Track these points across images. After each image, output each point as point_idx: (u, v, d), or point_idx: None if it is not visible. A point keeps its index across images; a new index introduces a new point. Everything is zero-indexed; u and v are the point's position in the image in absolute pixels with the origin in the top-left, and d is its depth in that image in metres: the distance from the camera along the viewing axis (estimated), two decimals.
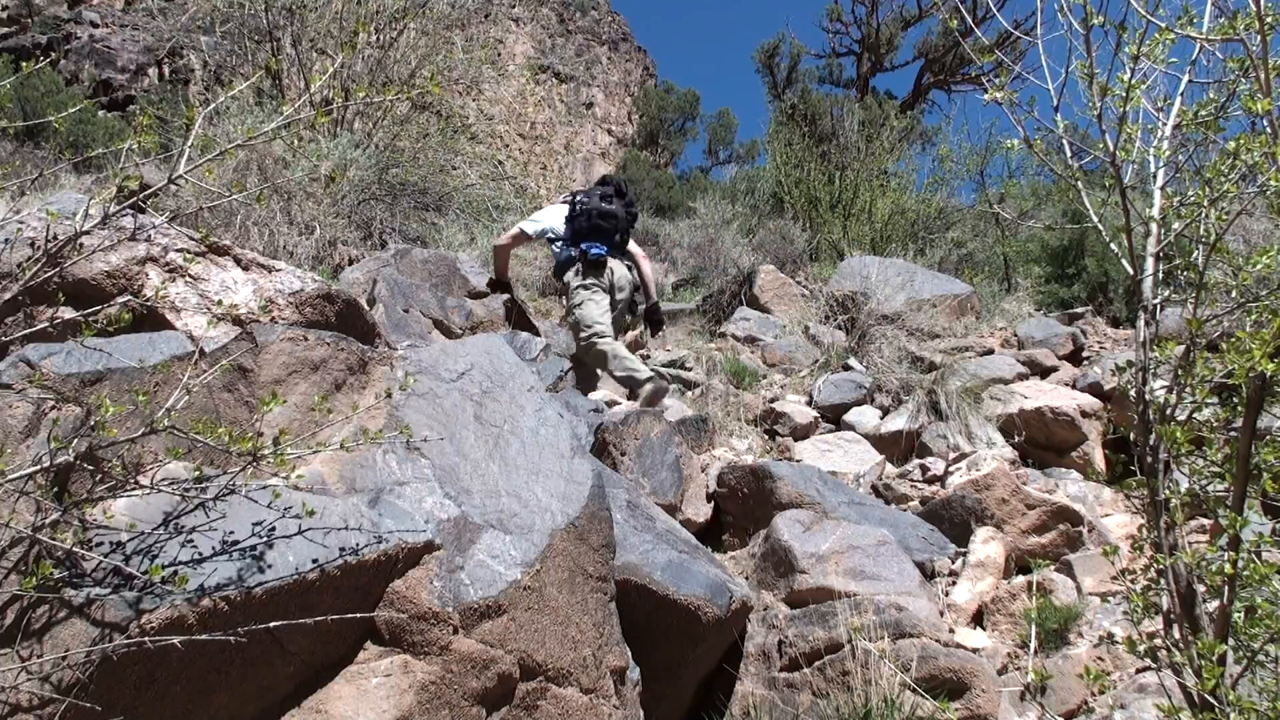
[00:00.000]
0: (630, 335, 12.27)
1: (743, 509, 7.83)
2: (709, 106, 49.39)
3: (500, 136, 28.40)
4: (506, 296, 10.80)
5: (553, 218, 10.41)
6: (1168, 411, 4.13)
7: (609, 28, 39.54)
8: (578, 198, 10.32)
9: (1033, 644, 6.50)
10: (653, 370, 9.68)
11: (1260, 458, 3.87)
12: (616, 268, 10.12)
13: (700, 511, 7.87)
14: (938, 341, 12.50)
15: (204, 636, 3.87)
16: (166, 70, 26.27)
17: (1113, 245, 4.51)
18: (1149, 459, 4.16)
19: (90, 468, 4.22)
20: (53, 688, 3.70)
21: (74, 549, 3.92)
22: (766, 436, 10.24)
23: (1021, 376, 11.68)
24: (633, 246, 10.60)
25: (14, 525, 3.89)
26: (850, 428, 10.42)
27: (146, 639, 3.80)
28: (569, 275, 10.03)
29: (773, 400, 10.90)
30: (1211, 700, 3.74)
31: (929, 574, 7.22)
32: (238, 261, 6.55)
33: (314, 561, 4.27)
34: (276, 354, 5.29)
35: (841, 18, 36.92)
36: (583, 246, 9.98)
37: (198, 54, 21.48)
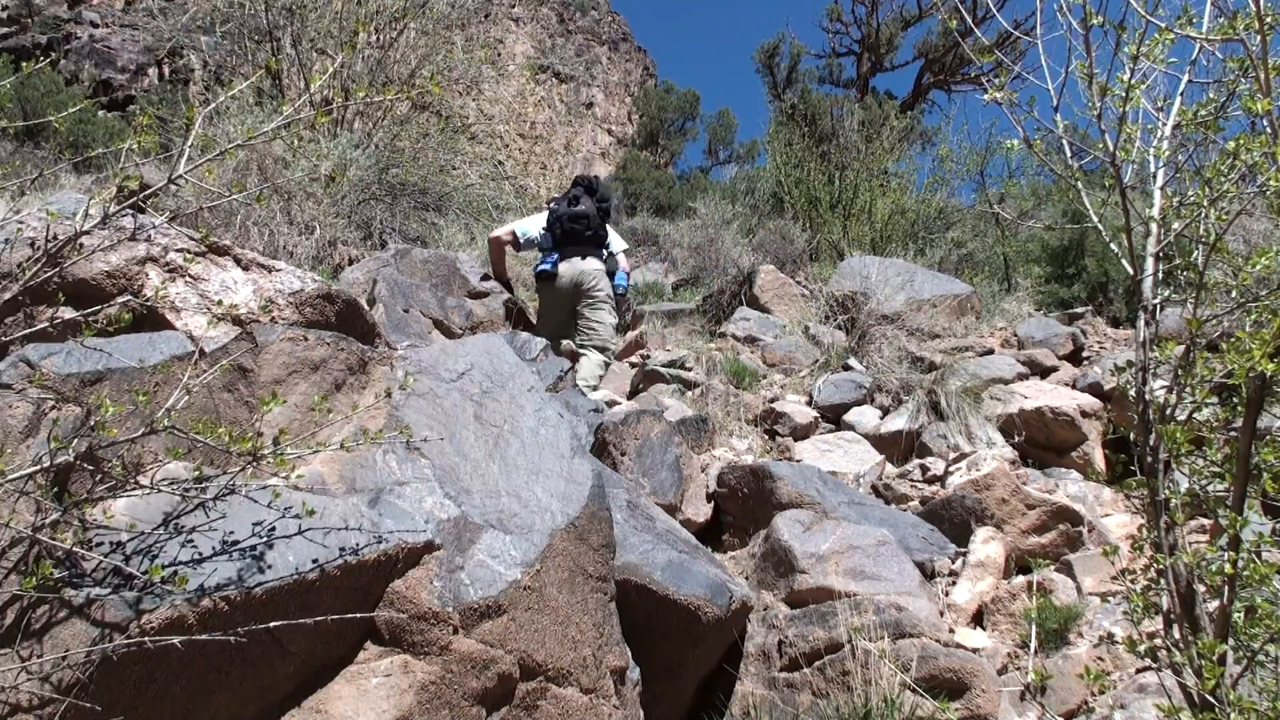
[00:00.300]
0: (630, 335, 12.42)
1: (743, 509, 7.83)
2: (709, 106, 49.48)
3: (500, 136, 28.36)
4: (507, 296, 10.95)
5: (538, 226, 10.81)
6: (1168, 411, 4.14)
7: (609, 28, 39.56)
8: (552, 205, 10.81)
9: (1033, 644, 6.51)
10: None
11: (1260, 458, 3.87)
12: (574, 269, 10.54)
13: (700, 511, 7.89)
14: (938, 341, 12.49)
15: (204, 636, 3.88)
16: (166, 70, 26.30)
17: (1113, 245, 4.52)
18: (1149, 459, 4.17)
19: (90, 468, 4.23)
20: (53, 688, 3.71)
21: (74, 549, 3.94)
22: (766, 436, 10.25)
23: (1021, 376, 11.70)
24: (620, 255, 10.99)
25: (14, 525, 3.90)
26: (850, 428, 10.43)
27: (146, 639, 3.81)
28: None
29: (773, 400, 10.92)
30: (1212, 700, 3.75)
31: (929, 574, 7.23)
32: (238, 261, 6.54)
33: (314, 561, 4.29)
34: (276, 354, 5.31)
35: (841, 18, 36.98)
36: (538, 261, 10.74)
37: (198, 54, 21.48)
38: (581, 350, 10.34)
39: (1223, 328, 4.40)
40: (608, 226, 10.94)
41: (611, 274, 10.72)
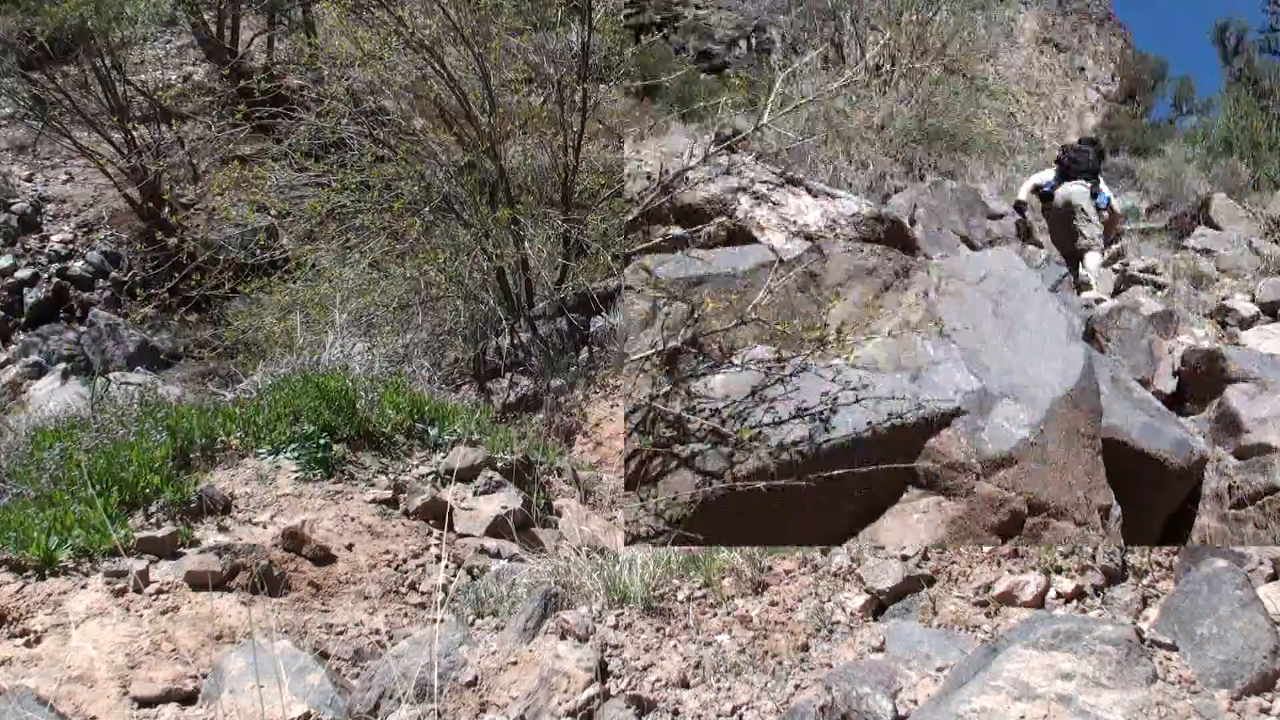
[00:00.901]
0: (1114, 246, 12.54)
1: (1200, 383, 7.82)
2: (1175, 70, 47.76)
3: (1012, 94, 28.03)
4: (1018, 218, 11.47)
5: (1047, 173, 11.40)
6: None
7: (1096, 8, 39.17)
8: (1060, 151, 11.72)
9: None
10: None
11: None
12: (1066, 191, 10.89)
13: (1167, 385, 8.04)
14: None
15: (781, 482, 4.09)
16: (753, 42, 26.61)
17: None
18: None
19: (694, 351, 4.52)
20: (664, 521, 3.96)
21: (682, 414, 4.22)
22: (1218, 326, 10.40)
23: None
24: (1104, 189, 11.29)
25: (636, 395, 4.23)
26: None
27: (737, 484, 4.09)
28: None
29: (1224, 298, 11.08)
30: None
31: None
32: (808, 190, 6.67)
33: (868, 424, 4.50)
34: (839, 262, 5.52)
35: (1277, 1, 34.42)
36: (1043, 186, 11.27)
37: (777, 29, 22.60)
38: (1078, 250, 10.71)
39: None
40: (1100, 175, 11.24)
41: (1095, 195, 10.91)
